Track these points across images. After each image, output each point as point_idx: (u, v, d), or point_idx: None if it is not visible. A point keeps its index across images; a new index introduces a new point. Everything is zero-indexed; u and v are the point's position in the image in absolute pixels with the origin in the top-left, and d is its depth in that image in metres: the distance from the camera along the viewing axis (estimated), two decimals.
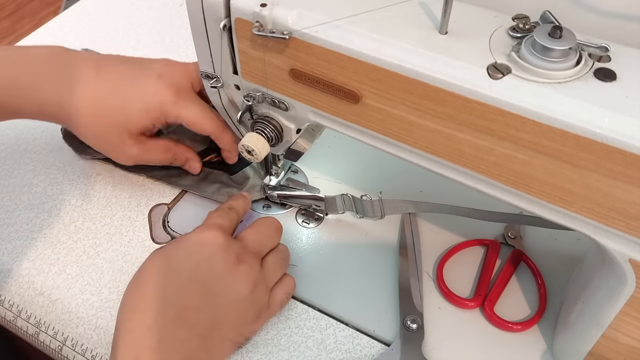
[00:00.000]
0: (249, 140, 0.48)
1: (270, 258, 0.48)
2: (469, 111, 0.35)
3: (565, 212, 0.36)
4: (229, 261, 0.44)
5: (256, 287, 0.44)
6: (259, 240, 0.47)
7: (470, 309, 0.48)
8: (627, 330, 0.39)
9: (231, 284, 0.43)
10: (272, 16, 0.39)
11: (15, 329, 0.51)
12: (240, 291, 0.44)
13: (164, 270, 0.43)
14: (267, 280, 0.46)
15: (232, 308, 0.43)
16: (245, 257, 0.45)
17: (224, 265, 0.43)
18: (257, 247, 0.47)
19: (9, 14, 2.03)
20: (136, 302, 0.42)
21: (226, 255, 0.44)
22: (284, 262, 0.49)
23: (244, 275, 0.44)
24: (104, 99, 0.50)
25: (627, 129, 0.31)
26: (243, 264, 0.44)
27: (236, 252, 0.44)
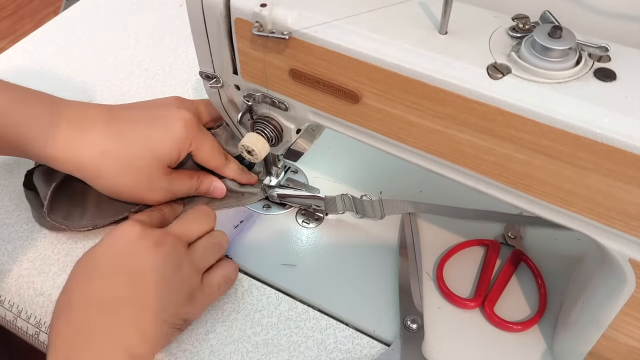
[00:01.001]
0: (249, 140, 0.48)
1: (200, 242, 0.48)
2: (468, 111, 0.35)
3: (565, 212, 0.36)
4: (147, 246, 0.44)
5: (181, 267, 0.44)
6: (183, 225, 0.48)
7: (470, 309, 0.48)
8: (627, 330, 0.38)
9: (152, 266, 0.43)
10: (272, 16, 0.39)
11: (16, 329, 0.51)
12: (164, 272, 0.43)
13: (84, 268, 0.44)
14: (196, 262, 0.46)
15: (157, 290, 0.43)
16: (165, 240, 0.45)
17: (143, 250, 0.44)
18: (180, 230, 0.47)
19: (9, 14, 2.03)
20: (61, 304, 0.42)
21: (143, 241, 0.44)
22: (217, 247, 0.48)
23: (164, 256, 0.44)
24: (123, 138, 0.49)
25: (627, 129, 0.31)
26: (163, 246, 0.44)
27: (155, 237, 0.45)
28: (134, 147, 0.49)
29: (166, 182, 0.51)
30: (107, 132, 0.49)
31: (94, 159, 0.48)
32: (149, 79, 0.71)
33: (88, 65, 0.73)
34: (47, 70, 0.72)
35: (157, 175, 0.50)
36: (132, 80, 0.71)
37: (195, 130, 0.50)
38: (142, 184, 0.50)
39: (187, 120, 0.50)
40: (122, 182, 0.49)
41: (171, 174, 0.51)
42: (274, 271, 0.51)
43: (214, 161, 0.53)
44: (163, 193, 0.51)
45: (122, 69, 0.72)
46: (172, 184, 0.51)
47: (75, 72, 0.72)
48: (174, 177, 0.52)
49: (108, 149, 0.48)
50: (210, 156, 0.53)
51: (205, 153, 0.52)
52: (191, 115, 0.50)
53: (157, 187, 0.51)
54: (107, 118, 0.49)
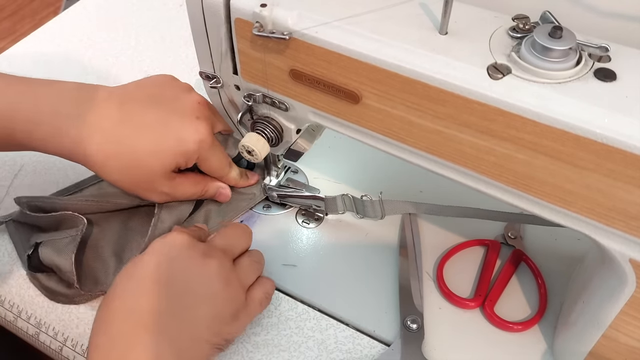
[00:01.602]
0: (249, 140, 0.48)
1: (242, 259, 0.46)
2: (469, 111, 0.35)
3: (566, 212, 0.36)
4: (195, 257, 0.42)
5: (229, 284, 0.42)
6: (227, 242, 0.46)
7: (471, 309, 0.48)
8: (628, 330, 0.39)
9: (200, 279, 0.41)
10: (272, 16, 0.39)
11: (16, 329, 0.51)
12: (212, 286, 0.41)
13: (127, 277, 0.42)
14: (241, 279, 0.44)
15: (204, 306, 0.41)
16: (213, 253, 0.43)
17: (190, 261, 0.42)
18: (225, 245, 0.45)
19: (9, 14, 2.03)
20: (101, 314, 0.41)
21: (191, 252, 0.42)
22: (258, 266, 0.47)
23: (214, 270, 0.42)
24: (131, 139, 0.47)
25: (627, 129, 0.31)
26: (212, 259, 0.42)
27: (202, 249, 0.43)
28: (140, 152, 0.47)
29: (168, 187, 0.50)
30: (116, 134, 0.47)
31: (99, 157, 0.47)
32: None
33: (88, 65, 0.73)
34: (47, 70, 0.72)
35: (159, 181, 0.49)
36: (132, 80, 0.71)
37: (206, 147, 0.49)
38: (141, 186, 0.49)
39: (202, 138, 0.48)
40: (123, 181, 0.48)
41: (175, 179, 0.50)
42: (274, 271, 0.51)
43: (218, 172, 0.52)
44: (164, 197, 0.51)
45: (122, 69, 0.72)
46: (174, 189, 0.50)
47: (75, 72, 0.72)
48: (177, 182, 0.50)
49: (112, 152, 0.47)
50: (216, 168, 0.52)
51: (212, 166, 0.51)
52: (207, 132, 0.49)
53: (157, 190, 0.50)
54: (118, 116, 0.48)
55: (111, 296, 0.41)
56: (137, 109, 0.48)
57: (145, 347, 0.38)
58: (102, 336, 0.39)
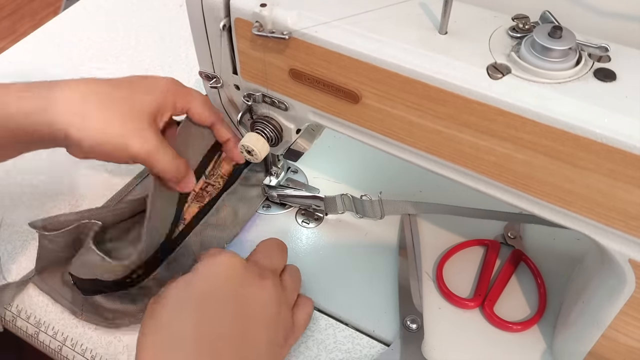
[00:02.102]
0: (248, 140, 0.48)
1: (286, 276, 0.45)
2: (469, 111, 0.35)
3: (565, 212, 0.36)
4: (252, 279, 0.41)
5: (281, 306, 0.42)
6: (270, 260, 0.45)
7: (470, 309, 0.48)
8: (627, 330, 0.39)
9: (259, 300, 0.40)
10: (272, 16, 0.39)
11: (15, 329, 0.51)
12: (269, 308, 0.41)
13: (183, 299, 0.39)
14: (288, 300, 0.44)
15: (261, 328, 0.40)
16: (267, 274, 0.42)
17: (248, 282, 0.40)
18: (271, 264, 0.44)
19: (9, 14, 2.03)
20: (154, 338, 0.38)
21: (249, 273, 0.41)
22: (299, 281, 0.46)
23: (270, 290, 0.41)
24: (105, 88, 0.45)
25: (627, 129, 0.31)
26: (267, 280, 0.42)
27: (257, 270, 0.42)
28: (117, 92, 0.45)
29: (153, 133, 0.45)
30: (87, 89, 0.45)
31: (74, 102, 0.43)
32: None
33: (88, 65, 0.73)
34: (47, 70, 0.72)
35: (145, 121, 0.45)
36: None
37: (178, 88, 0.48)
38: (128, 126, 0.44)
39: (168, 80, 0.47)
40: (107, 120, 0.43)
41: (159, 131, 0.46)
42: None
43: (211, 116, 0.50)
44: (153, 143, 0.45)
45: (122, 69, 0.72)
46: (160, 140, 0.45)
47: (75, 72, 0.72)
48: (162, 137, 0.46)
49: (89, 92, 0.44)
50: (205, 111, 0.49)
51: (198, 108, 0.48)
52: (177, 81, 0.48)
53: (145, 135, 0.44)
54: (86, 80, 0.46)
55: (163, 316, 0.38)
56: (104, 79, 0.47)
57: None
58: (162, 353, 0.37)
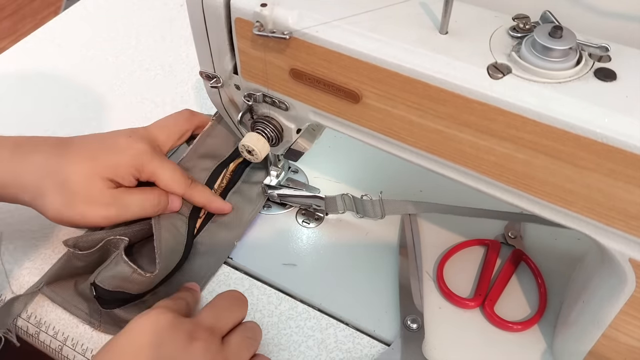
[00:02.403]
0: (249, 140, 0.48)
1: (232, 337, 0.41)
2: (469, 111, 0.35)
3: (566, 212, 0.36)
4: (179, 340, 0.38)
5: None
6: (214, 315, 0.41)
7: (471, 308, 0.49)
8: (627, 329, 0.39)
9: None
10: (272, 16, 0.39)
11: (16, 328, 0.51)
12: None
13: None
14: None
15: None
16: (199, 334, 0.39)
17: (174, 345, 0.37)
18: (213, 322, 0.41)
19: (9, 14, 2.03)
20: None
21: (175, 333, 0.38)
22: (252, 342, 0.42)
23: (199, 354, 0.38)
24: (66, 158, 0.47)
25: (627, 129, 0.31)
26: (197, 341, 0.38)
27: (187, 329, 0.39)
28: (76, 164, 0.46)
29: (110, 196, 0.47)
30: (51, 154, 0.47)
31: (36, 179, 0.46)
32: (149, 78, 0.71)
33: (89, 65, 0.73)
34: (47, 70, 0.72)
35: (98, 188, 0.46)
36: (133, 80, 0.71)
37: (147, 159, 0.48)
38: (79, 197, 0.46)
39: (137, 149, 0.48)
40: (61, 198, 0.46)
41: (117, 187, 0.48)
42: (275, 271, 0.51)
43: (176, 188, 0.50)
44: (107, 209, 0.47)
45: (122, 68, 0.72)
46: (117, 199, 0.47)
47: (75, 72, 0.72)
48: (121, 190, 0.48)
49: (50, 169, 0.46)
50: (172, 183, 0.50)
51: (165, 181, 0.49)
52: (144, 146, 0.48)
53: (98, 200, 0.46)
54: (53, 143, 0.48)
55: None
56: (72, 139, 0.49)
57: None
58: None
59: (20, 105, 0.68)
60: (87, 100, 0.68)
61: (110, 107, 0.67)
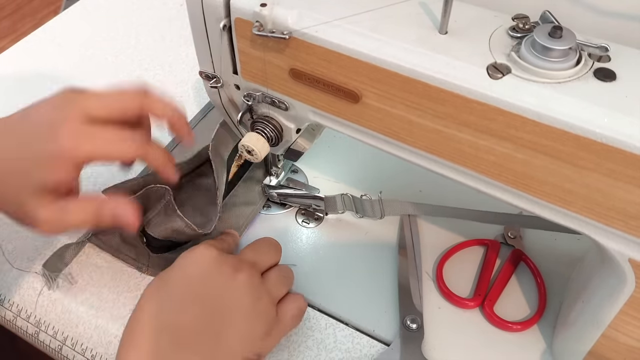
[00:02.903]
0: (249, 140, 0.48)
1: (271, 273, 0.45)
2: (469, 111, 0.35)
3: (565, 212, 0.36)
4: (225, 272, 0.41)
5: (260, 298, 0.42)
6: (256, 255, 0.45)
7: (470, 308, 0.48)
8: (627, 329, 0.39)
9: (232, 295, 0.41)
10: (272, 16, 0.39)
11: (15, 328, 0.51)
12: (243, 301, 0.41)
13: (157, 294, 0.41)
14: (270, 292, 0.43)
15: (237, 321, 0.41)
16: (243, 267, 0.42)
17: (221, 276, 0.41)
18: (254, 258, 0.45)
19: (9, 14, 2.03)
20: (131, 334, 0.39)
21: (221, 266, 0.42)
22: (287, 280, 0.46)
23: (244, 284, 0.41)
24: None
25: (627, 129, 0.31)
26: (241, 273, 0.42)
27: (232, 263, 0.42)
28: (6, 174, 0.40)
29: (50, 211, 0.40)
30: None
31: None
32: (149, 78, 0.71)
33: (88, 64, 0.73)
34: (47, 70, 0.72)
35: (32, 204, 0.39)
36: (133, 79, 0.71)
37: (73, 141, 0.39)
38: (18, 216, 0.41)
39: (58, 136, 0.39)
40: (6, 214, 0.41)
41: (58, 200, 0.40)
42: None
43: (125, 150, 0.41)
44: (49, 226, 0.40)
45: (122, 68, 0.72)
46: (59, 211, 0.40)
47: (75, 71, 0.72)
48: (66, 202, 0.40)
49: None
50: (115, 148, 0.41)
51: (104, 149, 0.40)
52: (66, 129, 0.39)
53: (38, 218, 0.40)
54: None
55: (142, 312, 0.40)
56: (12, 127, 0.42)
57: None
58: (133, 352, 0.38)
59: (20, 105, 0.68)
60: None
61: None
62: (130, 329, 0.40)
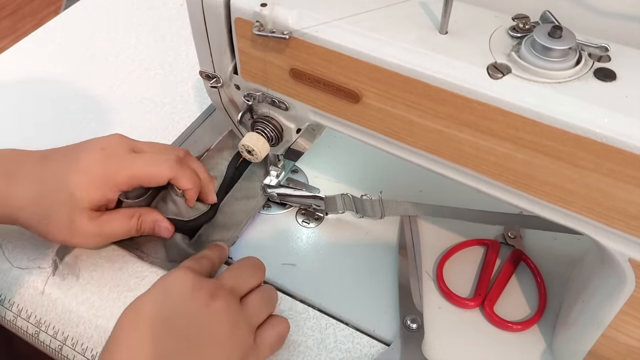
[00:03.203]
0: (249, 140, 0.48)
1: (251, 296, 0.44)
2: (469, 111, 0.35)
3: (566, 212, 0.36)
4: (201, 299, 0.40)
5: (236, 325, 0.41)
6: (235, 277, 0.44)
7: (470, 308, 0.48)
8: (627, 329, 0.39)
9: (207, 323, 0.40)
10: (272, 16, 0.39)
11: (15, 328, 0.51)
12: (218, 329, 0.40)
13: (130, 321, 0.40)
14: (249, 318, 0.42)
15: (211, 349, 0.39)
16: (220, 292, 0.41)
17: (196, 303, 0.40)
18: (233, 282, 0.43)
19: (9, 14, 2.03)
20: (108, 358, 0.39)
21: (197, 293, 0.40)
22: (270, 302, 0.45)
23: (220, 312, 0.40)
24: (47, 184, 0.46)
25: (627, 129, 0.31)
26: (217, 300, 0.41)
27: (208, 289, 0.41)
28: (53, 196, 0.46)
29: (93, 227, 0.47)
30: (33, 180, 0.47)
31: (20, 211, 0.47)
32: (149, 78, 0.71)
33: (89, 64, 0.73)
34: (47, 70, 0.72)
35: (80, 222, 0.46)
36: (133, 79, 0.71)
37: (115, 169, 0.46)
38: (64, 233, 0.47)
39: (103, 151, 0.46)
40: (45, 231, 0.47)
41: (99, 217, 0.47)
42: (274, 271, 0.51)
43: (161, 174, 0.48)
44: (94, 239, 0.48)
45: (122, 68, 0.72)
46: (102, 228, 0.47)
47: (75, 71, 0.72)
48: (104, 219, 0.47)
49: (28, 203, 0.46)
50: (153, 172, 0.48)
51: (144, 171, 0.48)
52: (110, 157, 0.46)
53: (83, 233, 0.47)
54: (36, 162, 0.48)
55: (117, 340, 0.39)
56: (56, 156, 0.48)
57: None
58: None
59: (20, 105, 0.68)
60: (86, 99, 0.68)
61: (109, 107, 0.67)
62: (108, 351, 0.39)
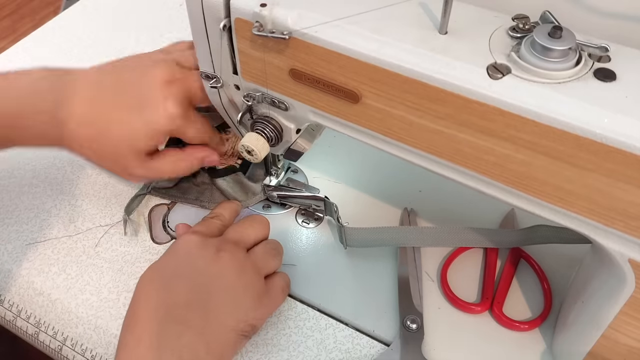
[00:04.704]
0: (249, 140, 0.48)
1: (257, 247, 0.47)
2: (469, 111, 0.35)
3: (565, 213, 0.36)
4: (208, 254, 0.44)
5: (244, 271, 0.44)
6: (240, 231, 0.48)
7: (479, 313, 0.48)
8: (627, 330, 0.39)
9: (216, 272, 0.43)
10: (272, 16, 0.39)
11: (15, 329, 0.51)
12: (227, 277, 0.44)
13: (147, 280, 0.44)
14: (256, 265, 0.45)
15: (223, 296, 0.43)
16: (225, 246, 0.45)
17: (204, 259, 0.44)
18: (238, 237, 0.47)
19: (9, 14, 2.03)
20: (127, 317, 0.42)
21: (204, 250, 0.44)
22: (276, 252, 0.48)
23: (226, 261, 0.44)
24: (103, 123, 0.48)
25: (627, 129, 0.31)
26: (223, 252, 0.44)
27: (214, 244, 0.45)
28: (111, 138, 0.48)
29: (144, 169, 0.50)
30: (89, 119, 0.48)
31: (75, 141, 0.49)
32: None
33: (88, 64, 0.73)
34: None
35: (132, 165, 0.49)
36: None
37: (179, 123, 0.49)
38: (117, 170, 0.50)
39: (172, 117, 0.48)
40: (101, 164, 0.50)
41: (149, 162, 0.50)
42: None
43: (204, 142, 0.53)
44: (141, 180, 0.54)
45: None
46: (150, 170, 0.50)
47: None
48: (152, 167, 0.50)
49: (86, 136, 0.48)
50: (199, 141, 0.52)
51: (194, 138, 0.51)
52: (178, 110, 0.48)
53: (134, 174, 0.50)
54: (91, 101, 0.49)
55: (135, 298, 0.43)
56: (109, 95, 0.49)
57: (174, 340, 0.40)
58: (129, 334, 0.41)
59: None
60: None
61: None
62: (128, 314, 0.42)
